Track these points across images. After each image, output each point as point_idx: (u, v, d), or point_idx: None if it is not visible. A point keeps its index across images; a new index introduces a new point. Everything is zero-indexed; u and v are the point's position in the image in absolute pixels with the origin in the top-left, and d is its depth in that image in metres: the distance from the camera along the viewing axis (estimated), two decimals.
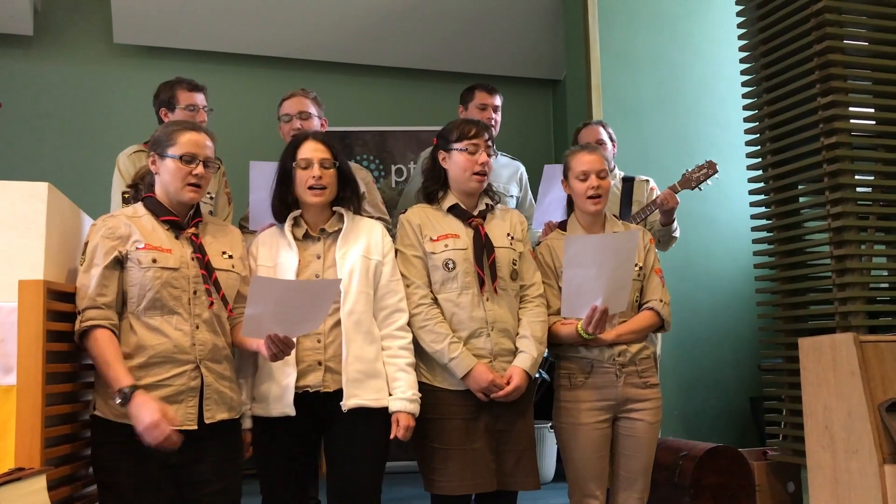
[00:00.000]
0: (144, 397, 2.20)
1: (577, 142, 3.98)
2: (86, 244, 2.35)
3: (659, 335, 4.01)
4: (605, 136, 3.97)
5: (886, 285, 3.94)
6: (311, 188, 2.56)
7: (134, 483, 2.26)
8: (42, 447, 2.17)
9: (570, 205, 3.01)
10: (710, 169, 3.66)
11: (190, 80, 3.44)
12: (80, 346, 2.31)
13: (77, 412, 2.47)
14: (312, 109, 3.41)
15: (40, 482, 2.00)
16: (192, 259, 2.38)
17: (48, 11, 5.26)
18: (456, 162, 2.76)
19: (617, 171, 4.08)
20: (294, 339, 2.35)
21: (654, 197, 3.80)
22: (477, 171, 2.74)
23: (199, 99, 3.41)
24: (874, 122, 3.89)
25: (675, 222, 3.77)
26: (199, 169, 2.39)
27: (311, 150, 2.58)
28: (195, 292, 2.36)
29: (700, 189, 3.69)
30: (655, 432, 2.86)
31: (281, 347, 2.30)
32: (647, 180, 3.97)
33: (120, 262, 2.32)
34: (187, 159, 2.38)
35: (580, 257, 2.58)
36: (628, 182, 3.97)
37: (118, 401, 2.19)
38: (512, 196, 3.87)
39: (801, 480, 3.91)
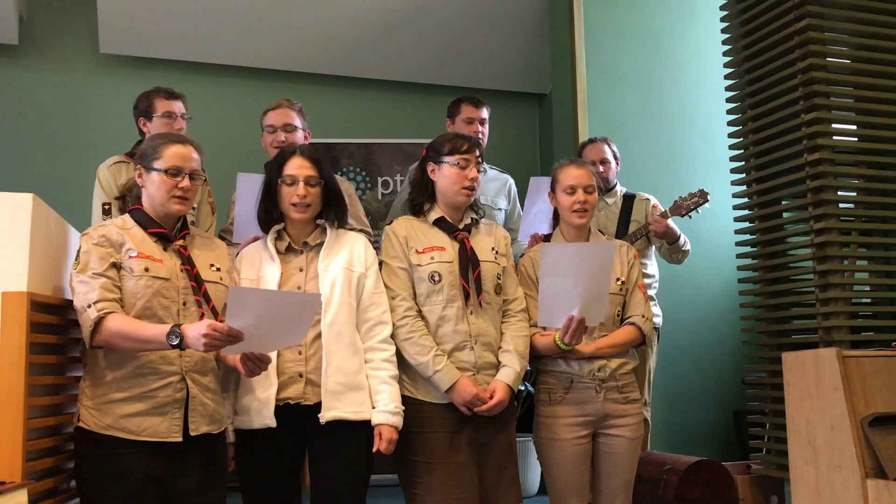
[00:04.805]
0: (189, 325, 2.19)
1: (581, 157, 4.02)
2: (79, 251, 2.33)
3: (654, 351, 4.05)
4: (609, 155, 4.03)
5: (869, 300, 3.98)
6: (294, 205, 2.56)
7: (117, 496, 2.23)
8: (23, 461, 2.15)
9: (556, 217, 3.02)
10: (701, 198, 3.70)
11: (167, 88, 3.44)
12: (91, 342, 2.24)
13: (60, 424, 2.45)
14: (297, 122, 3.39)
15: (21, 496, 1.99)
16: (182, 271, 2.38)
17: (34, 20, 5.24)
18: (445, 175, 2.76)
19: (619, 188, 4.11)
20: (270, 355, 2.34)
21: (655, 214, 3.84)
22: (466, 185, 2.74)
23: (177, 107, 3.40)
24: (856, 139, 3.93)
25: (682, 237, 3.83)
26: (185, 182, 2.38)
27: (296, 167, 2.57)
28: (184, 304, 2.36)
29: (690, 217, 3.73)
30: (636, 448, 2.85)
31: (257, 364, 2.29)
32: (648, 198, 4.00)
33: (117, 269, 2.31)
34: (173, 172, 2.37)
35: (556, 266, 2.59)
36: (629, 199, 4.00)
37: (175, 342, 2.17)
38: (500, 209, 3.88)
39: (784, 494, 3.92)
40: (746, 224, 4.23)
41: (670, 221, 3.74)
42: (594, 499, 2.85)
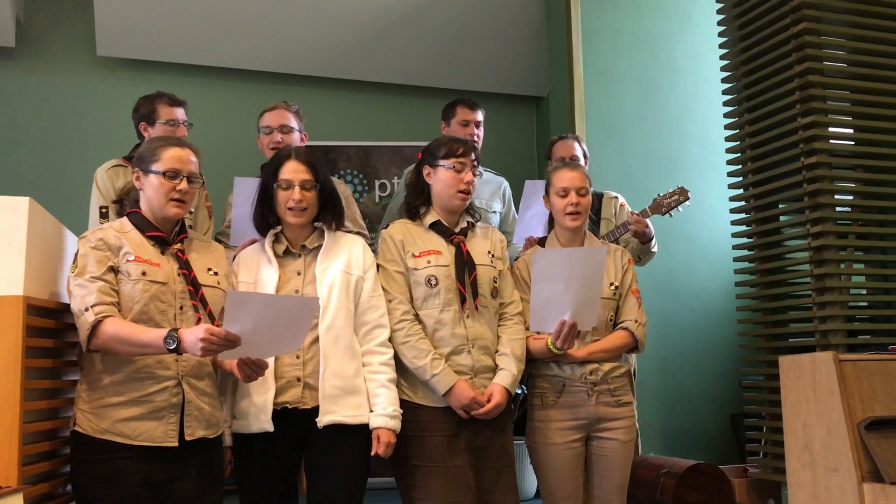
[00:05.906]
0: (186, 330, 2.18)
1: (552, 155, 3.95)
2: (76, 254, 2.33)
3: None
4: (578, 152, 3.89)
5: (865, 304, 3.99)
6: (290, 209, 2.56)
7: (113, 500, 2.23)
8: (19, 465, 2.15)
9: (552, 221, 3.02)
10: (681, 195, 3.60)
11: (170, 94, 3.42)
12: (88, 345, 2.23)
13: (57, 429, 2.45)
14: (294, 123, 3.40)
15: (17, 501, 1.98)
16: (179, 275, 2.37)
17: (30, 23, 5.23)
18: (441, 178, 2.76)
19: None
20: (267, 360, 2.33)
21: (623, 214, 3.79)
22: (462, 189, 2.74)
23: (180, 114, 3.40)
24: (853, 143, 3.94)
25: (654, 239, 3.77)
26: (183, 184, 2.38)
27: (292, 171, 2.57)
28: (181, 308, 2.35)
29: (671, 215, 3.66)
30: (629, 451, 2.85)
31: (254, 369, 2.29)
32: (616, 197, 3.93)
33: (115, 272, 2.31)
34: (171, 175, 2.37)
35: (548, 271, 2.59)
36: (597, 198, 3.95)
37: (172, 347, 2.16)
38: (495, 212, 3.87)
39: (781, 498, 3.92)
40: (743, 227, 4.24)
41: (649, 221, 3.67)
42: (588, 502, 2.85)
